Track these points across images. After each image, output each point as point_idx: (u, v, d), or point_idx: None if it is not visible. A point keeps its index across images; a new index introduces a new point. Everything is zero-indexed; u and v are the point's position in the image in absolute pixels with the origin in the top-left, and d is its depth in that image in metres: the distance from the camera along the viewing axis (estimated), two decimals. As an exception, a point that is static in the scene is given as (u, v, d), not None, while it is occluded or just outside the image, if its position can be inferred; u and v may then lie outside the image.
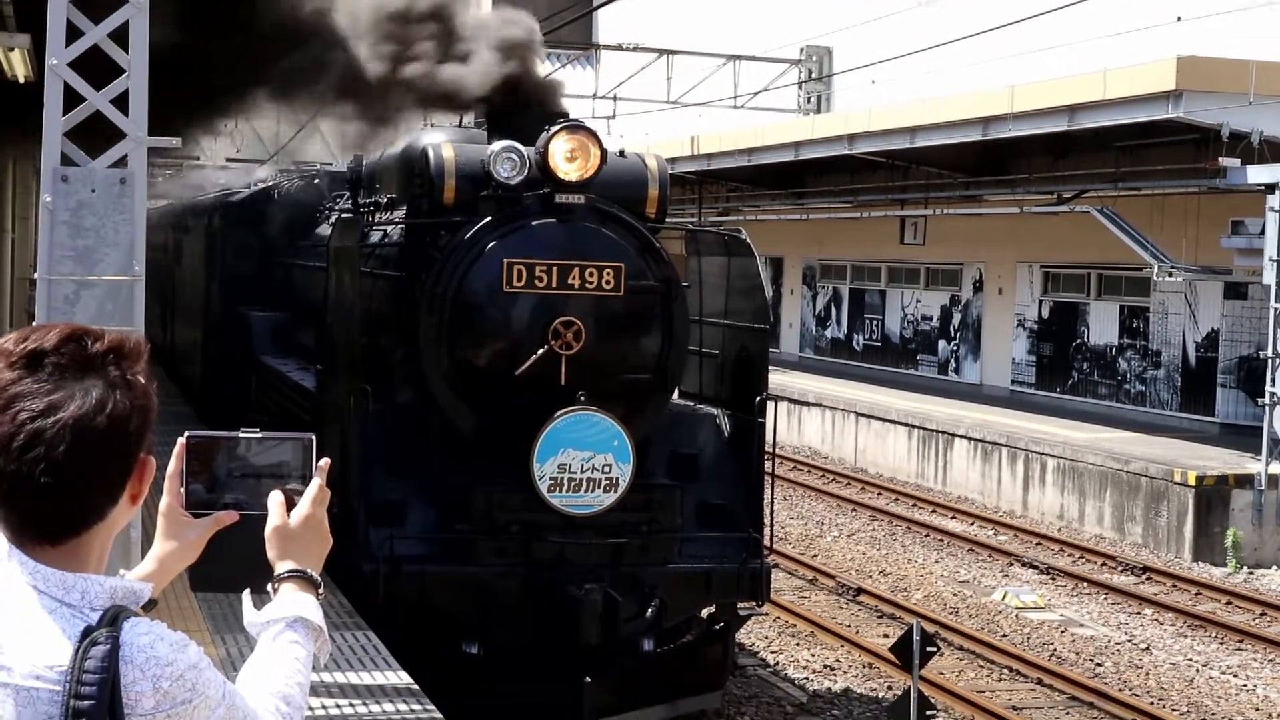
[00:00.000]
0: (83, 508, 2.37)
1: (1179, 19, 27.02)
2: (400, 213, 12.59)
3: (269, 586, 2.69)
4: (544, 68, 12.54)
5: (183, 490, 2.70)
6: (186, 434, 2.71)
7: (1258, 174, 21.87)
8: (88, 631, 2.30)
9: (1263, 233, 21.86)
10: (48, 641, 2.30)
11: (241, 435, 2.74)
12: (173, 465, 2.68)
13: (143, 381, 2.42)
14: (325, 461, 2.75)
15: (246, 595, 2.70)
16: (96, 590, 2.36)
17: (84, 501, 2.36)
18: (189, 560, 2.71)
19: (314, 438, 2.77)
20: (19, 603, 2.33)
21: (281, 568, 2.69)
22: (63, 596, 2.34)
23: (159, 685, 2.30)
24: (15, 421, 2.29)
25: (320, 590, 2.71)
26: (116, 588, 2.38)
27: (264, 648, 2.61)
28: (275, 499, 2.71)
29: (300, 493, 2.73)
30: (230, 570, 2.74)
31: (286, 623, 2.62)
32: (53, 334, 2.38)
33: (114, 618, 2.32)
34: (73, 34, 8.49)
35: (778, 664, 15.53)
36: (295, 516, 2.71)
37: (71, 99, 8.52)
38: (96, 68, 8.54)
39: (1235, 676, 15.71)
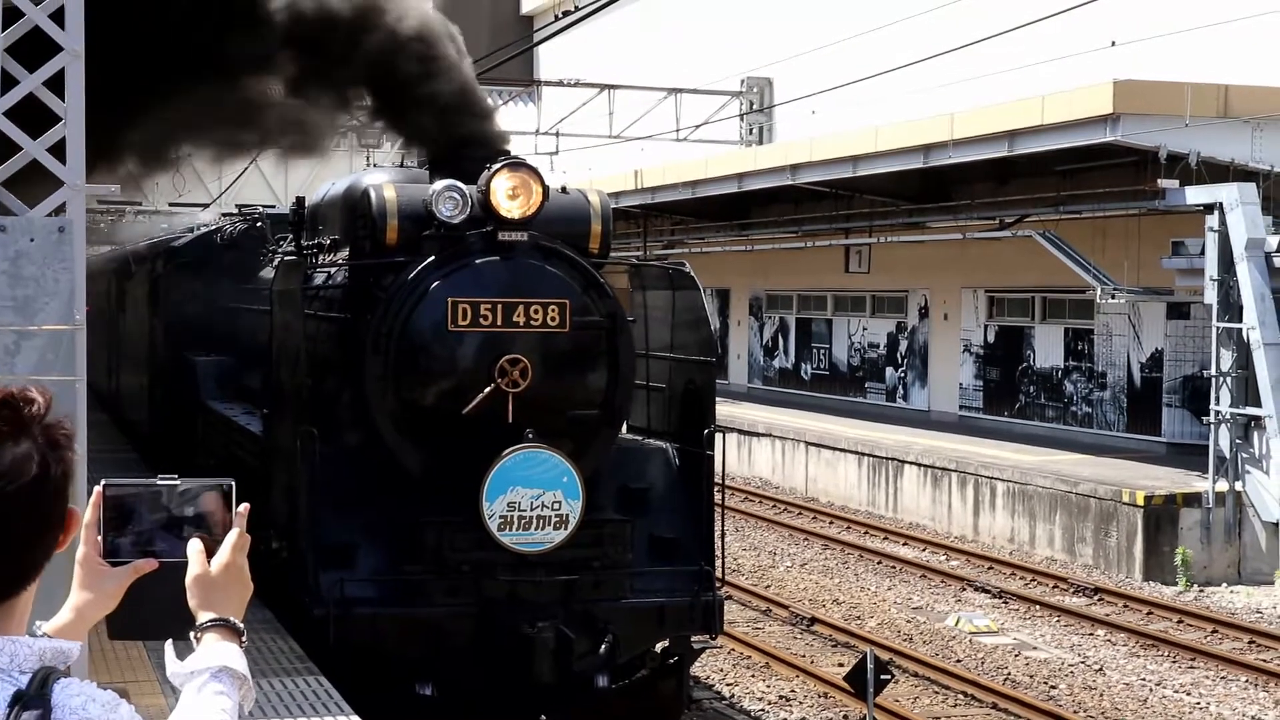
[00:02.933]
0: (24, 571, 2.36)
1: (1114, 43, 27.27)
2: (343, 254, 12.56)
3: (191, 636, 2.65)
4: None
5: (100, 539, 2.66)
6: (103, 482, 2.67)
7: (1196, 195, 22.07)
8: (18, 696, 2.28)
9: (1203, 253, 22.07)
10: None
11: (159, 483, 2.70)
12: (89, 514, 2.64)
13: (67, 434, 2.40)
14: (244, 507, 2.71)
15: (169, 646, 2.66)
16: (25, 653, 2.33)
17: (24, 564, 2.35)
18: (107, 610, 2.67)
19: (234, 484, 2.73)
20: None
21: (204, 617, 2.64)
22: None
23: None
24: None
25: (244, 639, 2.67)
26: (45, 649, 2.36)
27: (189, 699, 2.56)
28: (195, 547, 2.66)
29: (220, 540, 2.69)
30: (150, 619, 2.69)
31: (211, 673, 2.58)
32: None
33: (44, 680, 2.30)
34: (7, 82, 8.44)
35: (733, 696, 15.51)
36: (216, 564, 2.67)
37: (8, 148, 8.46)
38: (32, 116, 8.48)
39: (1188, 695, 15.78)
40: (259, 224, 17.32)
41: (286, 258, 12.92)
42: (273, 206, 21.71)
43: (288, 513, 11.30)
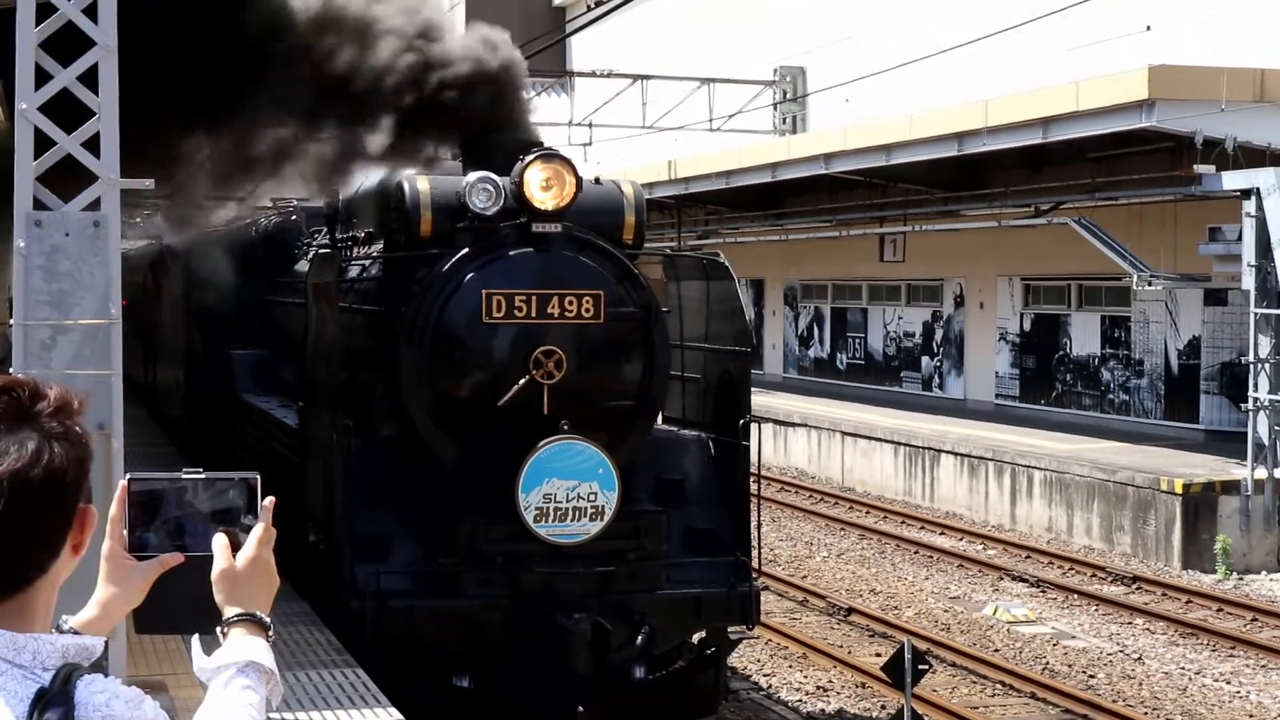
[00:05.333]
0: (25, 563, 2.33)
1: (1149, 28, 27.11)
2: (378, 247, 12.57)
3: (218, 631, 2.64)
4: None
5: (125, 533, 2.65)
6: (128, 476, 2.66)
7: (1233, 180, 21.92)
8: (41, 694, 2.26)
9: (1240, 239, 21.92)
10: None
11: (184, 476, 2.69)
12: (114, 509, 2.63)
13: (79, 431, 2.38)
14: (270, 501, 2.70)
15: (196, 641, 2.65)
16: (48, 650, 2.32)
17: (25, 556, 2.32)
18: (133, 604, 2.66)
19: (259, 477, 2.72)
20: None
21: (230, 612, 2.63)
22: (13, 658, 2.30)
23: None
24: None
25: (270, 633, 2.65)
26: (68, 645, 2.35)
27: (216, 694, 2.55)
28: (220, 541, 2.65)
29: (245, 533, 2.68)
30: (176, 613, 2.68)
31: (238, 668, 2.56)
32: None
33: (67, 677, 2.29)
34: (42, 78, 8.46)
35: (771, 687, 15.49)
36: (241, 559, 2.65)
37: (42, 143, 8.49)
38: (67, 110, 8.51)
39: (1228, 684, 15.70)
40: (294, 217, 17.36)
41: (321, 250, 12.94)
42: (307, 199, 21.73)
43: (324, 505, 11.32)
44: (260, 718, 2.54)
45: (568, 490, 10.64)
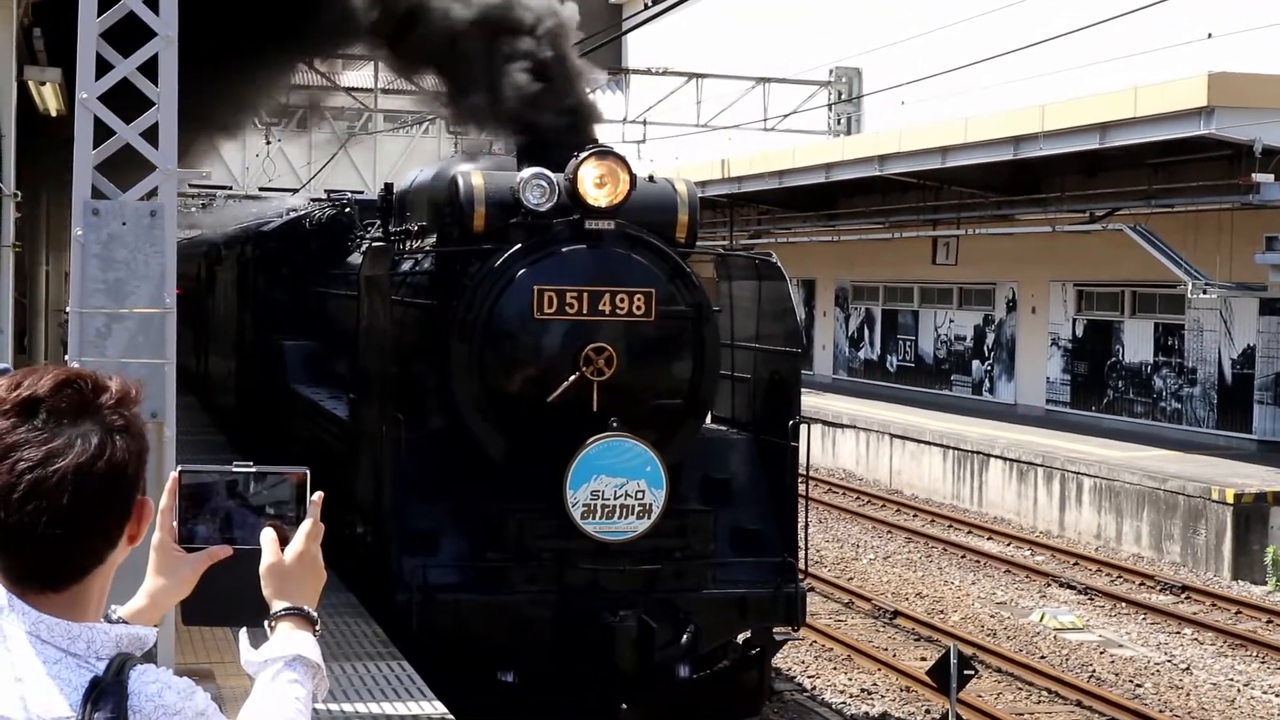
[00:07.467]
0: (85, 554, 2.35)
1: (1209, 35, 26.92)
2: (431, 241, 12.61)
3: (265, 624, 2.65)
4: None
5: (175, 525, 2.67)
6: (179, 469, 2.68)
7: (1291, 189, 21.76)
8: (95, 682, 2.28)
9: (1298, 248, 21.75)
10: (55, 693, 2.28)
11: (235, 470, 2.70)
12: (165, 500, 2.65)
13: (139, 424, 2.40)
14: (318, 495, 2.71)
15: (243, 634, 2.67)
16: (102, 639, 2.34)
17: (86, 548, 2.35)
18: (181, 595, 2.68)
19: (308, 471, 2.73)
20: (23, 655, 2.31)
21: (277, 605, 2.64)
22: (68, 646, 2.32)
23: None
24: (14, 472, 2.27)
25: (317, 627, 2.66)
26: (122, 635, 2.37)
27: (263, 687, 2.56)
28: (268, 535, 2.65)
29: (294, 528, 2.69)
30: (224, 605, 2.70)
31: (285, 661, 2.57)
32: (46, 380, 2.36)
33: (120, 666, 2.31)
34: (102, 67, 8.52)
35: (815, 688, 15.45)
36: (289, 553, 2.66)
37: (102, 132, 8.55)
38: (126, 100, 8.57)
39: (1278, 696, 15.58)
40: (347, 210, 17.43)
41: (374, 244, 12.99)
42: (361, 192, 21.84)
43: (372, 498, 11.37)
44: (307, 711, 2.55)
45: (615, 487, 10.65)
